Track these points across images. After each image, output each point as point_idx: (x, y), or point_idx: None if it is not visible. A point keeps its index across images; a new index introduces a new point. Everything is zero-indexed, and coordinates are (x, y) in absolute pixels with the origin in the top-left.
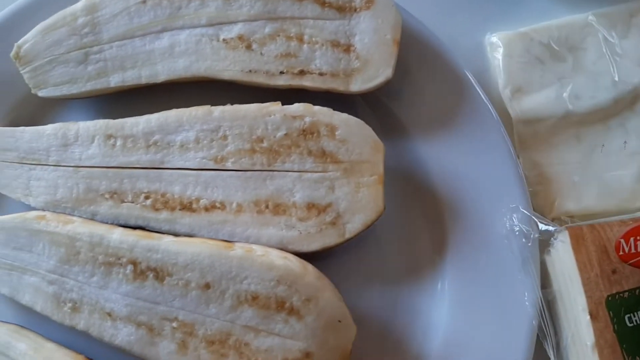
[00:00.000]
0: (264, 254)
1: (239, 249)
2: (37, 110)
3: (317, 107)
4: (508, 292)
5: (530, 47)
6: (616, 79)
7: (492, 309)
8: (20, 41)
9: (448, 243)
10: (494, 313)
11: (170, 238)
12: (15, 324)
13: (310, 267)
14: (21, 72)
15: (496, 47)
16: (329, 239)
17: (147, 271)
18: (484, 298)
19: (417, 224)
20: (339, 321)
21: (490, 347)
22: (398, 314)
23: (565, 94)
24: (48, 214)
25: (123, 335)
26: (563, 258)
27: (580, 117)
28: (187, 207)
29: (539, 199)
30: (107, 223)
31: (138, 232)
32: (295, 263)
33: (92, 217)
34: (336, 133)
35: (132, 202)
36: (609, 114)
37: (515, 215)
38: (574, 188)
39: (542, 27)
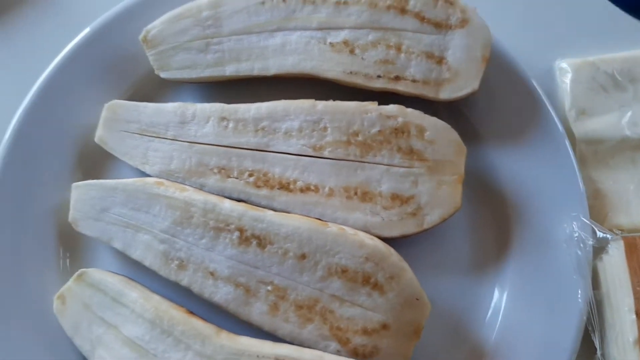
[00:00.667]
0: (355, 233)
1: (333, 226)
2: (153, 90)
3: (409, 109)
4: (563, 290)
5: (596, 75)
6: None
7: (548, 303)
8: (149, 26)
9: (512, 242)
10: (549, 307)
11: (273, 212)
12: (125, 276)
13: (393, 250)
14: (147, 54)
15: (565, 72)
16: (408, 227)
17: (251, 238)
18: (540, 293)
19: (485, 222)
20: (417, 299)
21: (544, 335)
22: (462, 301)
23: (624, 121)
24: (166, 181)
25: (222, 293)
26: (616, 263)
27: (637, 142)
28: (285, 186)
29: (593, 211)
30: (212, 194)
31: (244, 204)
32: (382, 244)
33: (200, 188)
34: (425, 134)
35: (237, 178)
36: None
37: (575, 223)
38: (627, 204)
39: (608, 58)
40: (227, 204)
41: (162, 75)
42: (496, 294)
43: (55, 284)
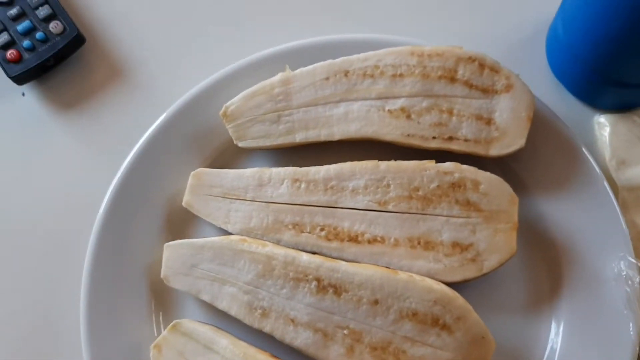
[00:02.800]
0: (423, 279)
1: (402, 274)
2: (232, 157)
3: (464, 166)
4: (615, 324)
5: (632, 127)
6: None
7: (602, 338)
8: (228, 103)
9: (564, 283)
10: (604, 341)
11: (346, 262)
12: (213, 325)
13: (457, 294)
14: (227, 127)
15: (603, 126)
16: (469, 272)
17: (328, 287)
18: (595, 328)
19: (538, 265)
20: (482, 337)
21: None
22: (522, 339)
23: None
24: (248, 238)
25: (302, 338)
26: None
27: None
28: (354, 239)
29: (636, 253)
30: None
31: (319, 256)
32: (448, 289)
33: (277, 243)
34: (480, 187)
35: (310, 233)
36: None
37: (622, 262)
38: None
39: None
40: (305, 256)
41: (240, 144)
42: (552, 331)
43: (149, 335)
